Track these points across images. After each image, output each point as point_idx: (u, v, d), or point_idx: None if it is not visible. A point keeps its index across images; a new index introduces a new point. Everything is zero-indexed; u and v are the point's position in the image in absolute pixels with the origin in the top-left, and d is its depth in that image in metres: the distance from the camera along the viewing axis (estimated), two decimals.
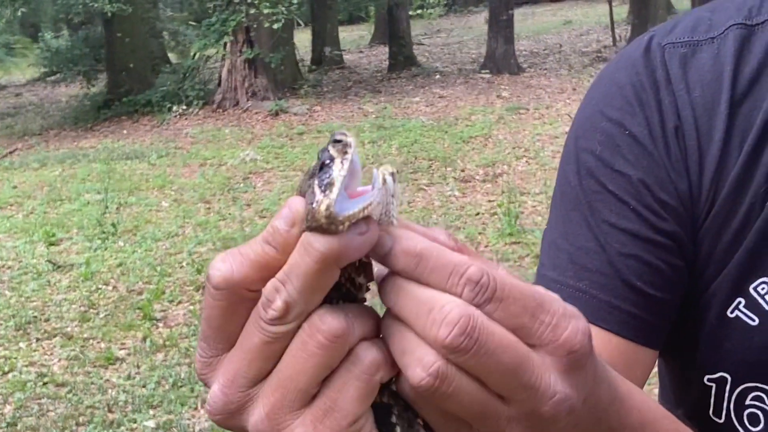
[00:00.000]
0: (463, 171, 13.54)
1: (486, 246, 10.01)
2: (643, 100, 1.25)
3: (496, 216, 10.86)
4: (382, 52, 28.71)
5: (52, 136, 21.88)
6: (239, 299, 0.73)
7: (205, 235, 11.80)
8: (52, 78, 29.75)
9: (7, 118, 26.30)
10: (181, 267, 10.63)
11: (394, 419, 0.82)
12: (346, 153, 0.74)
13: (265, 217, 12.47)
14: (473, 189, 12.55)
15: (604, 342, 1.22)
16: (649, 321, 1.24)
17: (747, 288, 1.20)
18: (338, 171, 0.72)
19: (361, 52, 32.08)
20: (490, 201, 11.68)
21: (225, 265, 0.72)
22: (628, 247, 1.24)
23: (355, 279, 0.79)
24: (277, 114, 20.42)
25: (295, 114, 20.58)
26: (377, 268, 0.79)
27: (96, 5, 22.68)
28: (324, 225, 0.69)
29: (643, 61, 1.27)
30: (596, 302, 1.24)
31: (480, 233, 10.41)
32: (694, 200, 1.22)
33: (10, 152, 19.81)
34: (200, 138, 19.21)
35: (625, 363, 1.22)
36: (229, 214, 12.87)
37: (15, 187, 15.94)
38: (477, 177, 13.07)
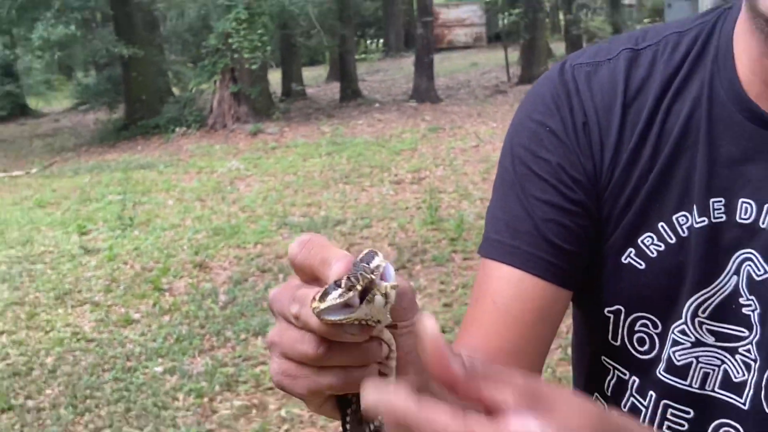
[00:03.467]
0: (396, 176, 13.71)
1: (413, 232, 10.09)
2: (559, 104, 1.30)
3: (420, 209, 11.04)
4: (335, 87, 28.33)
5: (83, 151, 21.84)
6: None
7: (200, 226, 11.69)
8: (83, 107, 29.26)
9: (48, 138, 26.31)
10: (183, 250, 10.57)
11: (348, 412, 0.82)
12: (350, 290, 0.71)
13: (245, 212, 12.57)
14: (403, 189, 12.75)
15: (533, 285, 1.27)
16: (566, 269, 1.29)
17: (636, 240, 1.26)
18: (334, 296, 0.71)
19: (319, 86, 32.04)
20: (416, 198, 11.83)
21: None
22: (548, 214, 1.30)
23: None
24: (255, 134, 20.28)
25: (269, 134, 20.13)
26: None
27: (116, 50, 22.69)
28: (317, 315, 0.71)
29: (559, 78, 1.32)
30: (527, 255, 1.30)
31: (408, 222, 10.54)
32: (597, 177, 1.28)
33: (50, 164, 19.78)
34: (197, 152, 18.96)
35: (549, 301, 1.29)
36: (219, 209, 12.78)
37: (54, 190, 15.96)
38: (406, 180, 13.25)
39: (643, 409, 1.31)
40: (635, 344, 1.30)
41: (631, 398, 1.33)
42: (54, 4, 21.68)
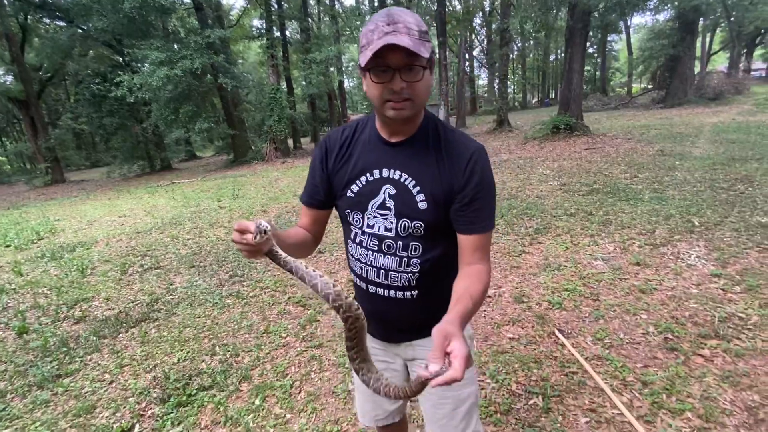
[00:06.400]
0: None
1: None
2: (328, 139, 1.66)
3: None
4: (312, 145, 29.94)
5: (218, 171, 22.33)
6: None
7: (264, 197, 11.90)
8: (218, 154, 33.37)
9: (204, 166, 27.42)
10: (257, 205, 10.75)
11: (274, 254, 1.29)
12: (263, 233, 1.12)
13: (281, 192, 12.72)
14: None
15: (312, 210, 1.73)
16: (323, 201, 1.77)
17: (350, 186, 1.69)
18: (257, 235, 1.09)
19: (305, 145, 31.41)
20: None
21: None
22: (315, 180, 1.76)
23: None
24: (283, 162, 21.38)
25: (288, 163, 21.09)
26: None
27: (228, 131, 24.77)
28: (255, 238, 1.17)
29: (333, 132, 1.68)
30: (310, 198, 1.77)
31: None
32: (330, 168, 1.69)
33: (204, 176, 20.12)
34: (261, 170, 19.51)
35: (320, 214, 1.71)
36: (272, 191, 12.95)
37: (207, 185, 16.22)
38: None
39: (364, 241, 1.75)
40: (353, 220, 1.76)
41: (358, 237, 1.76)
42: (203, 114, 23.22)
